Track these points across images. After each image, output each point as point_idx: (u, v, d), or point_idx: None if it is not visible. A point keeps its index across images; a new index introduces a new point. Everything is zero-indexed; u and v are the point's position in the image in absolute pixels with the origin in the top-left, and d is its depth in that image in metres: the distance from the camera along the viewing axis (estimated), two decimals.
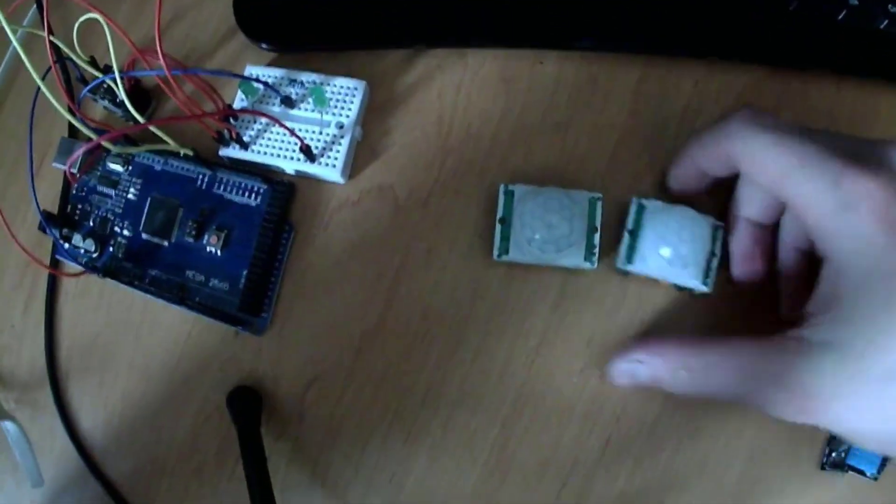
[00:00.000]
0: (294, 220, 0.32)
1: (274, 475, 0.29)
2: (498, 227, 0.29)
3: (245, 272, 0.31)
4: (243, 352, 0.32)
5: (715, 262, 0.28)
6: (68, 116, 0.27)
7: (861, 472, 0.29)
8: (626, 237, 0.28)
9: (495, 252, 0.29)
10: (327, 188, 0.32)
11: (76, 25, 0.29)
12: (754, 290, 0.28)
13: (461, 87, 0.32)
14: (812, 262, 0.25)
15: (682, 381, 0.25)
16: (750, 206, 0.27)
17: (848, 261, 0.22)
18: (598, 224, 0.29)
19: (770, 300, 0.28)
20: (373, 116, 0.32)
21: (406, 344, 0.31)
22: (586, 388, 0.30)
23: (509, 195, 0.29)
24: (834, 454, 0.29)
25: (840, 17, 0.29)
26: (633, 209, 0.28)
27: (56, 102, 0.27)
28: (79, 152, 0.30)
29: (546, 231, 0.28)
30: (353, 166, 0.32)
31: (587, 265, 0.29)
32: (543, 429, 0.30)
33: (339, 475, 0.31)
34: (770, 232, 0.27)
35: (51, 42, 0.28)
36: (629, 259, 0.28)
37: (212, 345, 0.32)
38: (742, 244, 0.28)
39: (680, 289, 0.29)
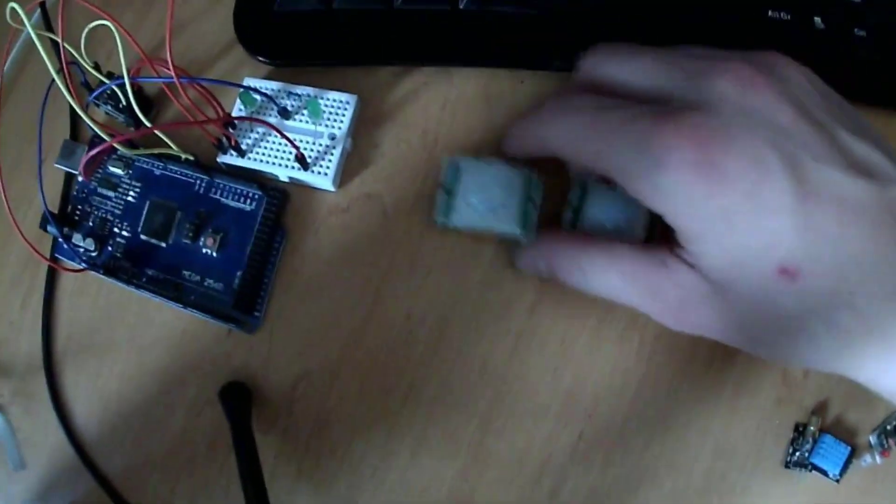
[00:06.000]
0: (286, 224, 0.33)
1: (262, 467, 0.31)
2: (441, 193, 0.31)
3: (240, 273, 0.32)
4: (235, 349, 0.33)
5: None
6: (82, 115, 0.28)
7: (824, 473, 0.30)
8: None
9: (438, 218, 0.31)
10: (318, 195, 0.34)
11: (85, 31, 0.30)
12: None
13: (446, 103, 0.33)
14: None
15: (576, 280, 0.27)
16: None
17: (676, 216, 0.22)
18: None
19: None
20: (363, 128, 0.33)
21: (390, 343, 0.32)
22: (560, 385, 0.32)
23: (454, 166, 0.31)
24: (798, 453, 0.31)
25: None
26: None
27: (67, 102, 0.28)
28: (95, 151, 0.30)
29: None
30: (343, 175, 0.33)
31: (519, 235, 0.30)
32: (519, 425, 0.32)
33: (326, 468, 0.33)
34: None
35: (64, 47, 0.30)
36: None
37: (205, 342, 0.33)
38: None
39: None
